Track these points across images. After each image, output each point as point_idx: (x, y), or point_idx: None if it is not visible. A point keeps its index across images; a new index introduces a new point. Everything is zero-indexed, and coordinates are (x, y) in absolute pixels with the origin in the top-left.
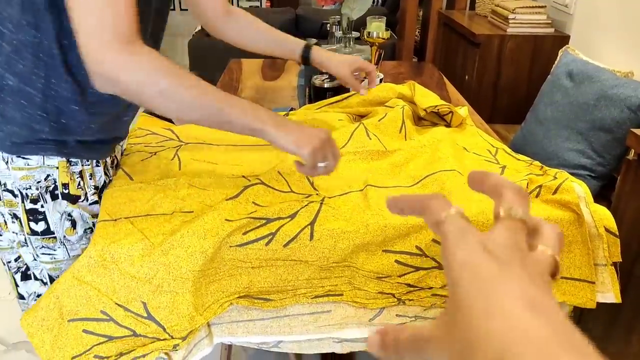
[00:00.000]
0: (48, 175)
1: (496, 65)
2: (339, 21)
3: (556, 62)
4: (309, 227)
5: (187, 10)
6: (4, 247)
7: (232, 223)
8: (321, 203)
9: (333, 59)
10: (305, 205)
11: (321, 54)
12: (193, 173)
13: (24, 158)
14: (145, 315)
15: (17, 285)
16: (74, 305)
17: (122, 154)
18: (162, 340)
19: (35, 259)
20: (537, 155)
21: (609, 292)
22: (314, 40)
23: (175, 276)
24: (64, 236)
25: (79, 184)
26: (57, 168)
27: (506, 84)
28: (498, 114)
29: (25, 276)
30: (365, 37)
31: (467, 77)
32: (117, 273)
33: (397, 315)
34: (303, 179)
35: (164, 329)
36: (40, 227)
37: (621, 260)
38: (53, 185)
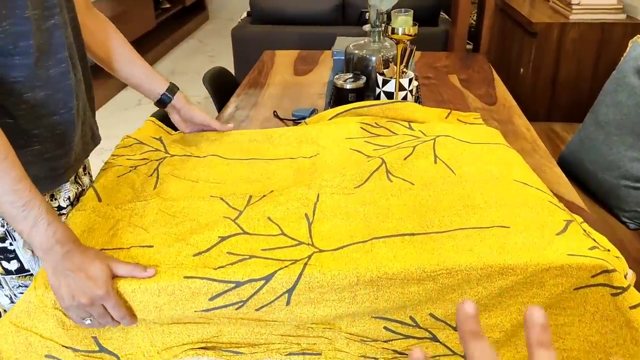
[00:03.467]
0: None
1: (555, 58)
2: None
3: (624, 55)
4: (286, 294)
5: None
6: None
7: (192, 282)
8: (305, 264)
9: (186, 108)
10: (285, 267)
11: (183, 97)
12: (167, 193)
13: None
14: (97, 349)
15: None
16: (12, 352)
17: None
18: None
19: (12, 301)
20: (595, 163)
21: None
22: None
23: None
24: (28, 265)
25: None
26: None
27: (567, 78)
28: (556, 111)
29: None
30: (390, 33)
31: (522, 70)
32: (61, 315)
33: None
34: (301, 220)
35: (118, 358)
36: (13, 265)
37: None
38: None
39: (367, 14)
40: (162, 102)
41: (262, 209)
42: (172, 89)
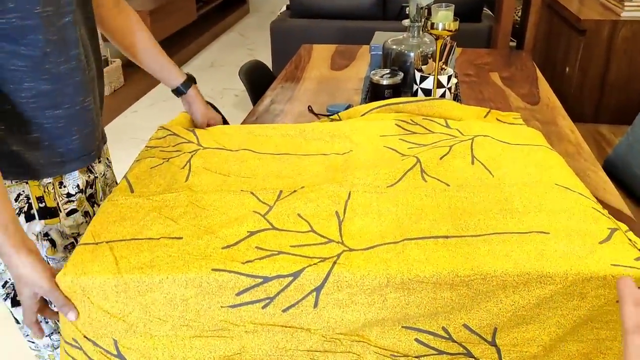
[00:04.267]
0: (19, 195)
1: (605, 56)
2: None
3: None
4: (314, 293)
5: None
6: None
7: (219, 275)
8: (334, 262)
9: (200, 105)
10: (314, 264)
11: (196, 94)
12: (199, 186)
13: None
14: (115, 353)
15: (11, 311)
16: None
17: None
18: None
19: None
20: None
21: None
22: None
23: (152, 317)
24: (46, 257)
25: (54, 195)
26: (27, 183)
27: (616, 78)
28: (604, 113)
29: (16, 302)
30: (429, 29)
31: (567, 68)
32: (88, 305)
33: None
34: (331, 218)
35: None
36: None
37: None
38: (27, 205)
39: (408, 8)
40: (178, 92)
41: (292, 205)
42: (188, 83)
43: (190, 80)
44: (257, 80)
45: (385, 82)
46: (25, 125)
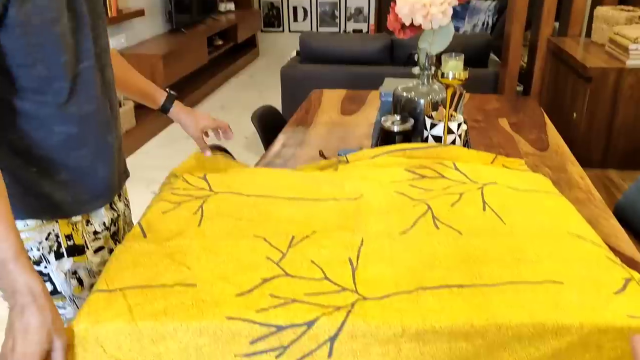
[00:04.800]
0: (49, 234)
1: (611, 103)
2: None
3: None
4: (328, 343)
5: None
6: None
7: (233, 324)
8: (349, 312)
9: (187, 116)
10: (328, 313)
11: (180, 108)
12: (211, 231)
13: (22, 219)
14: None
15: None
16: None
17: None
18: None
19: None
20: None
21: None
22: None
23: None
24: (73, 295)
25: (82, 233)
26: (57, 222)
27: (623, 124)
28: (612, 158)
29: None
30: (440, 78)
31: (575, 114)
32: (101, 354)
33: None
34: (344, 265)
35: None
36: (47, 287)
37: None
38: (56, 244)
39: (416, 55)
40: (164, 111)
41: (305, 251)
42: (171, 99)
43: (172, 97)
44: (269, 125)
45: (396, 128)
46: (55, 166)
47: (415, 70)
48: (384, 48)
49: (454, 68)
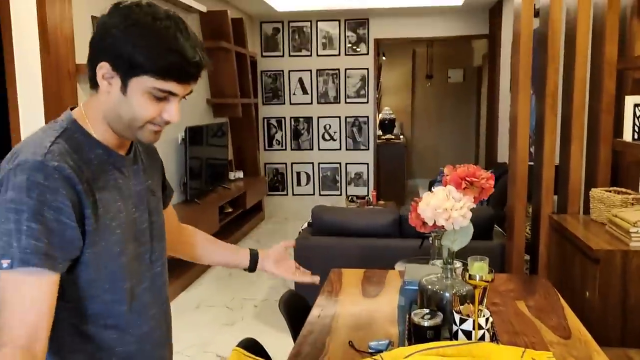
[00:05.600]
0: None
1: (621, 283)
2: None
3: None
4: None
5: (299, 195)
6: None
7: None
8: None
9: (272, 269)
10: None
11: (262, 258)
12: None
13: None
14: None
15: None
16: None
17: None
18: None
19: None
20: None
21: None
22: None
23: None
24: None
25: None
26: None
27: (636, 304)
28: (630, 337)
29: None
30: (467, 279)
31: (587, 293)
32: None
33: None
34: None
35: None
36: None
37: None
38: None
39: (430, 239)
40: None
41: None
42: (255, 256)
43: (255, 256)
44: (295, 312)
45: (426, 323)
46: None
47: (438, 263)
48: (393, 222)
49: (480, 270)
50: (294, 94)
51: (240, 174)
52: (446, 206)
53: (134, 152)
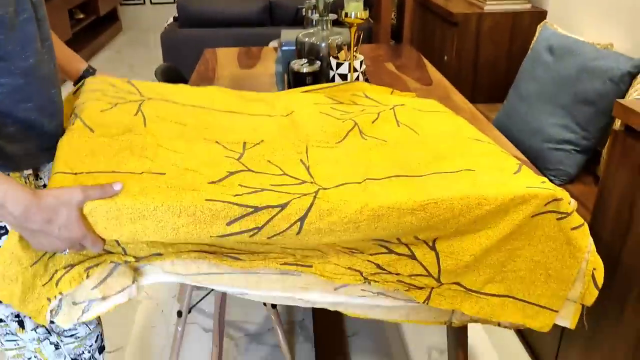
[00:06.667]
0: None
1: (475, 44)
2: (315, 5)
3: (535, 37)
4: (299, 222)
5: (158, 4)
6: None
7: (213, 205)
8: (314, 197)
9: None
10: (298, 197)
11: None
12: (160, 132)
13: None
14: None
15: None
16: (31, 252)
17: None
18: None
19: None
20: (521, 132)
21: (567, 319)
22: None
23: (140, 242)
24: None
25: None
26: (9, 174)
27: (486, 62)
28: (479, 94)
29: None
30: (343, 17)
31: (446, 57)
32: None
33: (361, 289)
34: (298, 164)
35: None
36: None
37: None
38: None
39: (303, 9)
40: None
41: (260, 153)
42: (88, 74)
43: (88, 74)
44: (171, 82)
45: (305, 69)
46: (4, 119)
47: (316, 16)
48: (262, 9)
49: (356, 8)
50: None
51: None
52: None
53: None
